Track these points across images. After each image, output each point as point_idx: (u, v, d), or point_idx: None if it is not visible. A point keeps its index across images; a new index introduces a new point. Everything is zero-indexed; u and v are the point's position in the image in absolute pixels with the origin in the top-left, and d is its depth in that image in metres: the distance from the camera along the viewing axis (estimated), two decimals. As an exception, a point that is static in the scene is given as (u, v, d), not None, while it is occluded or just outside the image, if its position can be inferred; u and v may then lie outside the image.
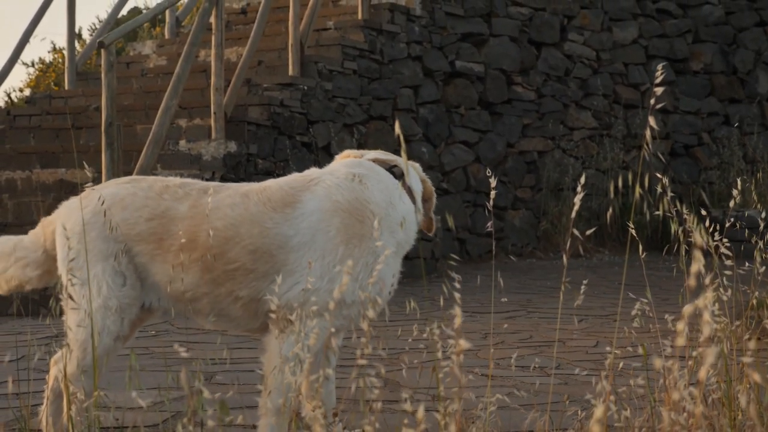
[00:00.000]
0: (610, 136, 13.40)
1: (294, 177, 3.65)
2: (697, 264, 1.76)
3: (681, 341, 1.73)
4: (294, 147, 10.23)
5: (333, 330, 3.42)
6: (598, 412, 2.11)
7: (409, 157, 11.53)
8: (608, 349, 3.57)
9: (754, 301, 3.49)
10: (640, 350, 2.94)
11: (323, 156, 10.51)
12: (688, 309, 1.78)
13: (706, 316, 1.72)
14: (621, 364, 3.64)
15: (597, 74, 13.48)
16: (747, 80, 14.11)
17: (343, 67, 10.91)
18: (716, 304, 3.37)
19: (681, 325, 1.73)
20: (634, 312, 3.37)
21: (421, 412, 2.17)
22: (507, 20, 12.74)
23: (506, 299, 8.00)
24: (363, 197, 3.51)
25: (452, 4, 12.21)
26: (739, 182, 3.89)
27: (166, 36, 12.93)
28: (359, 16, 11.35)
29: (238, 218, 3.50)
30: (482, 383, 4.79)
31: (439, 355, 2.70)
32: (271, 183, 3.63)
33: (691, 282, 1.73)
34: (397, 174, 3.67)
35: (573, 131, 13.22)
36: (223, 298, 3.50)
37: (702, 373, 1.78)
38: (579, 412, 3.68)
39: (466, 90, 12.29)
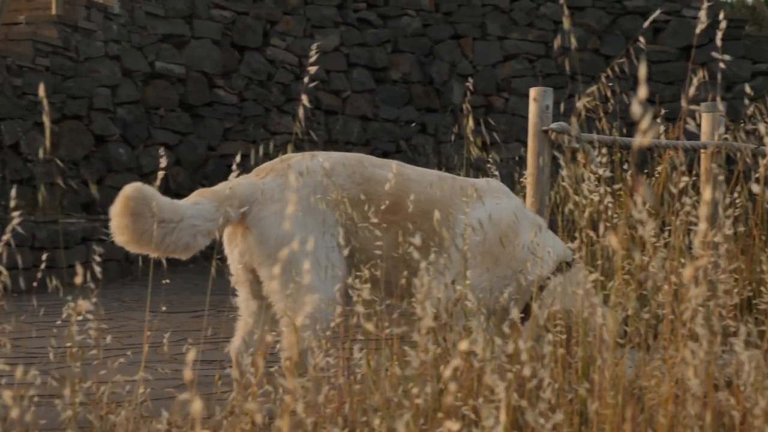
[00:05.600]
0: (312, 142, 13.56)
1: (479, 180, 4.08)
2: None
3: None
4: (-20, 145, 9.77)
5: None
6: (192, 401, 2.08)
7: (106, 159, 11.32)
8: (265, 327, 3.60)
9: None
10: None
11: (12, 156, 10.09)
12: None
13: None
14: (278, 345, 3.66)
15: (299, 80, 13.62)
16: (442, 90, 14.62)
17: (34, 63, 10.52)
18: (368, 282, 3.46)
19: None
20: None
21: (31, 375, 2.08)
22: (209, 23, 12.67)
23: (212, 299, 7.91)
24: (515, 227, 3.88)
25: (153, 4, 12.03)
26: None
27: None
28: (53, 11, 10.97)
29: (436, 196, 3.86)
30: (157, 376, 4.71)
31: (74, 330, 2.62)
32: (460, 178, 4.08)
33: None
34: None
35: (275, 135, 13.29)
36: (403, 263, 3.71)
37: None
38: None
39: (166, 91, 12.13)
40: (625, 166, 5.04)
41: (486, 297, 3.75)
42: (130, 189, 3.78)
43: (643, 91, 1.56)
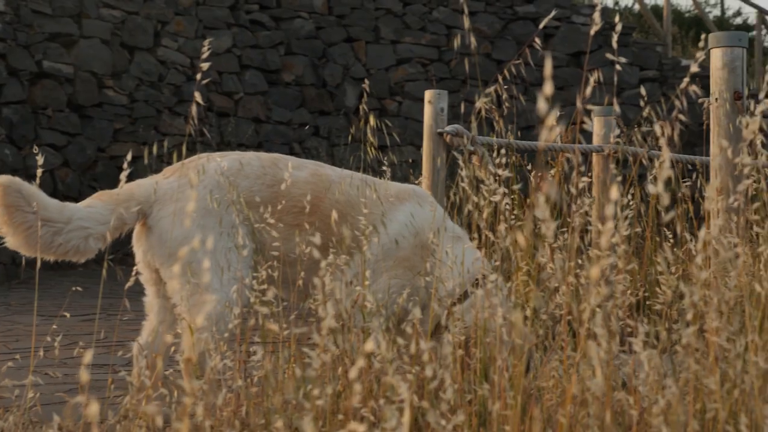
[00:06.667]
0: (204, 143, 13.42)
1: (404, 185, 4.06)
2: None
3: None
4: None
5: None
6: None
7: (-9, 159, 11.03)
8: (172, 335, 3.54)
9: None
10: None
11: None
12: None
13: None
14: (173, 349, 3.59)
15: (191, 81, 13.46)
16: (336, 93, 14.61)
17: None
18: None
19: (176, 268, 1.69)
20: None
21: None
22: (98, 22, 12.45)
23: (101, 302, 7.77)
24: (427, 238, 3.82)
25: (39, 2, 11.76)
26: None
27: None
28: (-64, 7, 10.67)
29: (355, 198, 3.84)
30: (48, 381, 4.60)
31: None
32: (384, 182, 4.04)
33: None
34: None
35: (166, 137, 13.12)
36: (317, 265, 3.66)
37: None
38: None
39: (54, 91, 11.87)
40: (521, 168, 5.08)
41: (394, 303, 3.73)
42: (3, 178, 3.68)
43: (548, 88, 1.56)
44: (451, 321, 3.05)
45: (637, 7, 18.26)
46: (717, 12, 22.51)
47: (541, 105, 1.53)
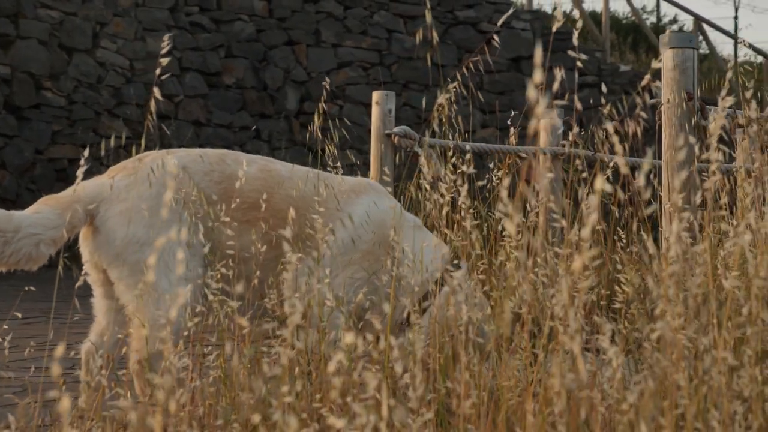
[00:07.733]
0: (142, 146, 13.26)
1: (357, 179, 3.97)
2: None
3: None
4: None
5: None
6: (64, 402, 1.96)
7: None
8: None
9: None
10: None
11: None
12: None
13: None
14: (124, 349, 3.53)
15: (130, 83, 13.31)
16: (277, 96, 14.54)
17: None
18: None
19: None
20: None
21: None
22: (36, 22, 12.27)
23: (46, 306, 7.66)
24: (388, 230, 3.76)
25: (-24, 1, 11.58)
26: None
27: None
28: None
29: (308, 193, 3.74)
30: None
31: None
32: (336, 176, 3.96)
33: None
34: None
35: (105, 139, 12.96)
36: (270, 262, 3.65)
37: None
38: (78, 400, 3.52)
39: (-10, 92, 11.69)
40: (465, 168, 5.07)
41: (351, 300, 3.67)
42: None
43: (538, 76, 1.53)
44: (414, 319, 3.02)
45: (576, 12, 18.42)
46: (653, 19, 22.79)
47: (530, 93, 1.50)
